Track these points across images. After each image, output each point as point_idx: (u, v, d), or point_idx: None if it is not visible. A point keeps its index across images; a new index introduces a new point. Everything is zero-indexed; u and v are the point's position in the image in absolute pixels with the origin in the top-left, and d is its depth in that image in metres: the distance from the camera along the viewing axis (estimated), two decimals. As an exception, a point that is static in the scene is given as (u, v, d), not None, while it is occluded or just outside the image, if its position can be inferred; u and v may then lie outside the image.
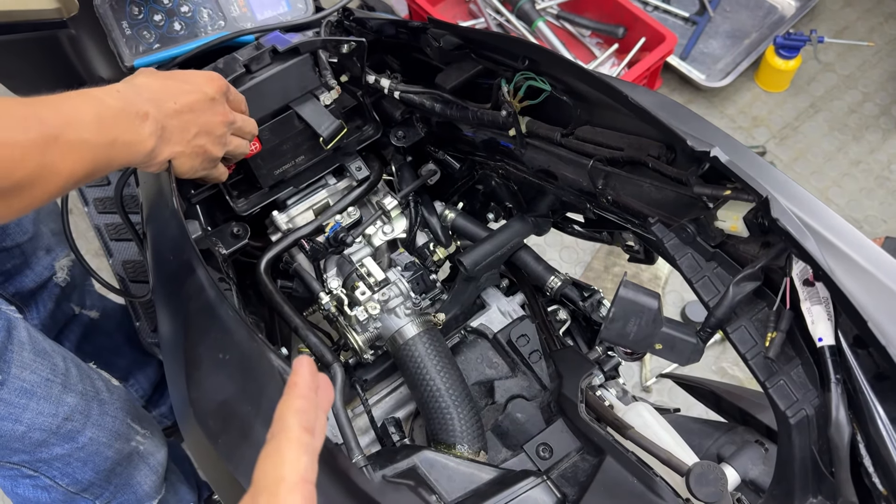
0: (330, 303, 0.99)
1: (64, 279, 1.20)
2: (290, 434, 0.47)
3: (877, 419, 0.56)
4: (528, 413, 0.97)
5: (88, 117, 0.67)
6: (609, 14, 2.09)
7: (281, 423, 0.48)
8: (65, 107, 0.66)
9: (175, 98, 0.78)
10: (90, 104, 0.68)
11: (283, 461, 0.46)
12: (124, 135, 0.70)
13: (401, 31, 1.00)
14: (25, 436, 0.89)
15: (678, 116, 0.71)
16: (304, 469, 0.46)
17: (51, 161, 0.63)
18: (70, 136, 0.64)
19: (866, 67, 2.23)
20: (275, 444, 0.47)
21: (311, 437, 0.48)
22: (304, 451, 0.47)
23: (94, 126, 0.67)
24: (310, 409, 0.49)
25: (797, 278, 0.61)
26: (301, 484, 0.45)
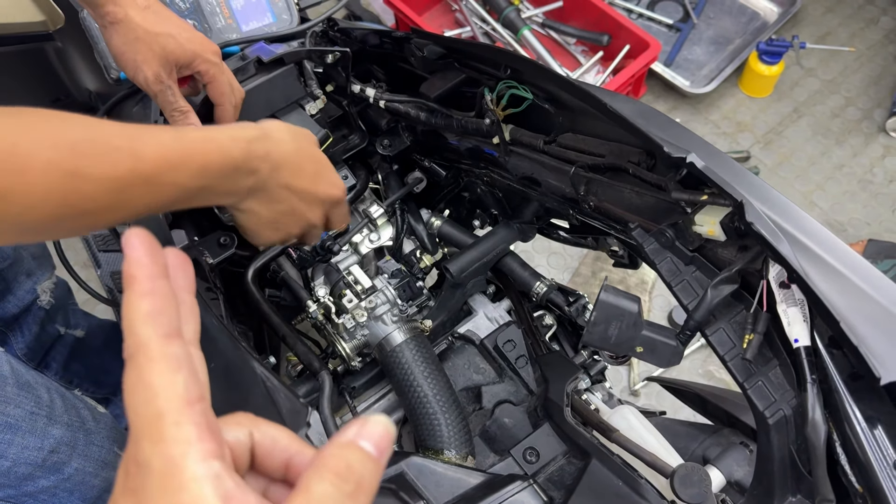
0: (317, 311, 1.00)
1: (48, 301, 1.20)
2: (150, 351, 0.35)
3: (852, 418, 0.57)
4: (516, 418, 0.98)
5: (197, 165, 0.60)
6: (594, 22, 2.11)
7: (133, 336, 0.35)
8: (175, 147, 0.59)
9: (294, 175, 0.74)
10: (210, 153, 0.62)
11: (154, 390, 0.34)
12: (223, 185, 0.65)
13: (385, 41, 1.02)
14: (11, 471, 0.89)
15: (657, 123, 0.72)
16: (182, 390, 0.34)
17: (128, 198, 0.56)
18: (165, 178, 0.58)
19: (848, 72, 2.26)
20: (135, 371, 0.34)
21: (179, 343, 0.36)
22: (175, 367, 0.35)
23: (197, 173, 0.60)
24: (164, 306, 0.36)
25: (773, 281, 0.62)
26: (186, 410, 0.34)
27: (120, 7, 0.81)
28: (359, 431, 0.35)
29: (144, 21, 0.83)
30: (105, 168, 0.53)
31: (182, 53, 0.84)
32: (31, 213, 0.52)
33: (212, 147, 0.62)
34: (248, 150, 0.66)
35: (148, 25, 0.82)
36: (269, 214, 0.74)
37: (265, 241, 0.79)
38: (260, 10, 1.06)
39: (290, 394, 0.66)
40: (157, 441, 0.33)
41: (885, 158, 2.11)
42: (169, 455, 0.33)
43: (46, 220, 0.53)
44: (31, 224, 0.53)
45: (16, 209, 0.50)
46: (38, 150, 0.51)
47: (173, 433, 0.34)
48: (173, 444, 0.33)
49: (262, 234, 0.77)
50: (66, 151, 0.52)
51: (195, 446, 0.33)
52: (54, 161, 0.51)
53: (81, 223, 0.56)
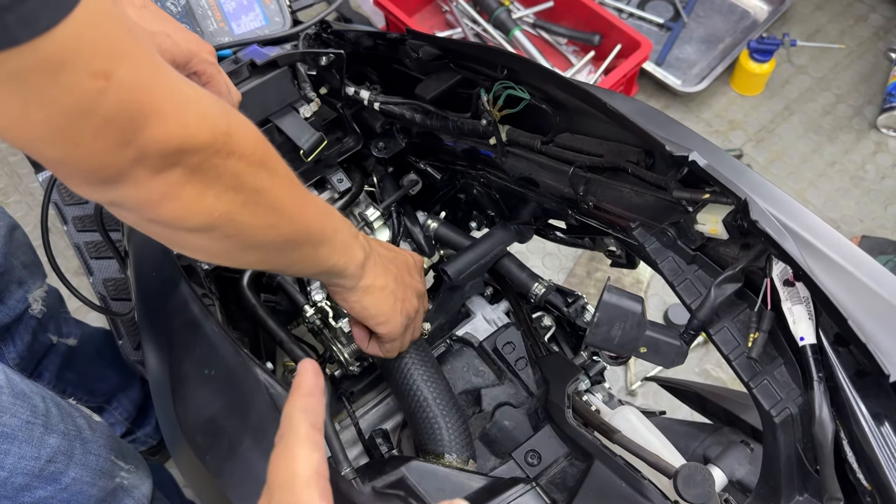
0: (314, 316, 0.99)
1: (39, 310, 1.18)
2: (299, 433, 0.47)
3: (859, 416, 0.57)
4: (516, 420, 0.97)
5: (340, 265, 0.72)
6: (585, 22, 2.11)
7: (289, 422, 0.48)
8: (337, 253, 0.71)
9: (384, 247, 0.86)
10: (353, 257, 0.74)
11: (295, 458, 0.46)
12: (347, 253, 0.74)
13: (379, 42, 1.01)
14: (7, 481, 0.87)
15: (656, 122, 0.72)
16: (316, 464, 0.47)
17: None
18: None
19: (839, 69, 2.27)
20: (284, 444, 0.47)
21: (319, 435, 0.49)
22: (314, 448, 0.47)
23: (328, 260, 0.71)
24: (316, 408, 0.50)
25: (777, 279, 0.61)
26: (315, 478, 0.46)
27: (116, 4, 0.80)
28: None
29: (141, 19, 0.82)
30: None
31: (179, 52, 0.84)
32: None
33: (358, 250, 0.75)
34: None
35: (145, 24, 0.82)
36: (388, 284, 0.80)
37: (395, 318, 0.83)
38: (252, 12, 1.05)
39: (293, 400, 0.65)
40: (289, 493, 0.46)
41: (877, 155, 2.12)
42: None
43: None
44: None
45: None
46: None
47: (302, 491, 0.46)
48: (300, 498, 0.45)
49: (392, 310, 0.82)
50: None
51: (317, 502, 0.45)
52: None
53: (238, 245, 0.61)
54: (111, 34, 0.44)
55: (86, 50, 0.42)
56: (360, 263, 0.76)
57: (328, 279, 0.76)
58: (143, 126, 0.47)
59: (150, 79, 0.47)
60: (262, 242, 0.61)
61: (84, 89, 0.43)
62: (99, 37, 0.43)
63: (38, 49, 0.40)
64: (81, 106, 0.43)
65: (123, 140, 0.46)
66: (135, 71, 0.46)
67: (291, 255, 0.67)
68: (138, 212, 0.52)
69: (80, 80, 0.43)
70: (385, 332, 0.83)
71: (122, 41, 0.45)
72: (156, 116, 0.47)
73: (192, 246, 0.58)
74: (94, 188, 0.49)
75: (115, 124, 0.45)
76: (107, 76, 0.44)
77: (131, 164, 0.48)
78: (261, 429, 0.62)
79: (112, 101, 0.44)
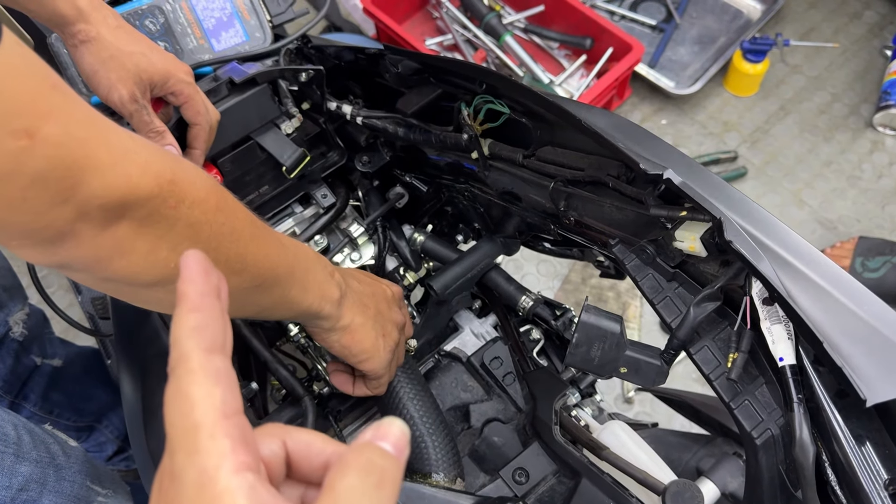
0: (299, 334, 0.98)
1: (21, 333, 1.18)
2: (191, 363, 0.36)
3: (840, 437, 0.56)
4: (505, 436, 0.96)
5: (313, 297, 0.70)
6: (576, 26, 2.10)
7: (177, 349, 0.36)
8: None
9: (361, 282, 0.83)
10: (327, 297, 0.72)
11: (192, 401, 0.35)
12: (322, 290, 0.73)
13: (359, 57, 1.00)
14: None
15: (634, 137, 0.70)
16: (220, 402, 0.35)
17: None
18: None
19: (833, 68, 2.25)
20: (175, 383, 0.36)
21: (221, 357, 0.37)
22: (214, 380, 0.36)
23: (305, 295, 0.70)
24: (210, 322, 0.37)
25: (756, 297, 0.60)
26: (222, 422, 0.35)
27: (91, 25, 0.79)
28: (375, 434, 0.36)
29: (117, 40, 0.81)
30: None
31: (156, 72, 0.83)
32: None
33: (333, 289, 0.73)
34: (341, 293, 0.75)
35: (120, 44, 0.81)
36: (367, 320, 0.78)
37: (378, 353, 0.81)
38: (232, 28, 1.05)
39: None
40: (192, 453, 0.34)
41: (873, 154, 2.11)
42: (203, 467, 0.33)
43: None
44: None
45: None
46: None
47: (208, 445, 0.34)
48: (207, 457, 0.33)
49: (375, 346, 0.80)
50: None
51: (229, 458, 0.34)
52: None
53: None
54: (32, 90, 0.42)
55: (2, 109, 0.40)
56: (336, 302, 0.74)
57: (306, 321, 0.75)
58: (79, 181, 0.45)
59: (82, 132, 0.45)
60: (228, 291, 0.59)
61: (5, 150, 0.41)
62: (17, 94, 0.41)
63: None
64: (4, 166, 0.42)
65: (59, 198, 0.44)
66: (63, 126, 0.44)
67: (261, 301, 0.64)
68: (90, 272, 0.50)
69: (0, 140, 0.41)
70: (370, 369, 0.81)
71: (46, 97, 0.43)
72: (93, 170, 0.45)
73: (154, 301, 0.56)
74: (36, 251, 0.47)
75: (46, 182, 0.43)
76: (30, 134, 0.42)
77: (72, 223, 0.46)
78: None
79: (39, 160, 0.43)
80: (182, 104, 0.86)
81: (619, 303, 1.84)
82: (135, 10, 1.00)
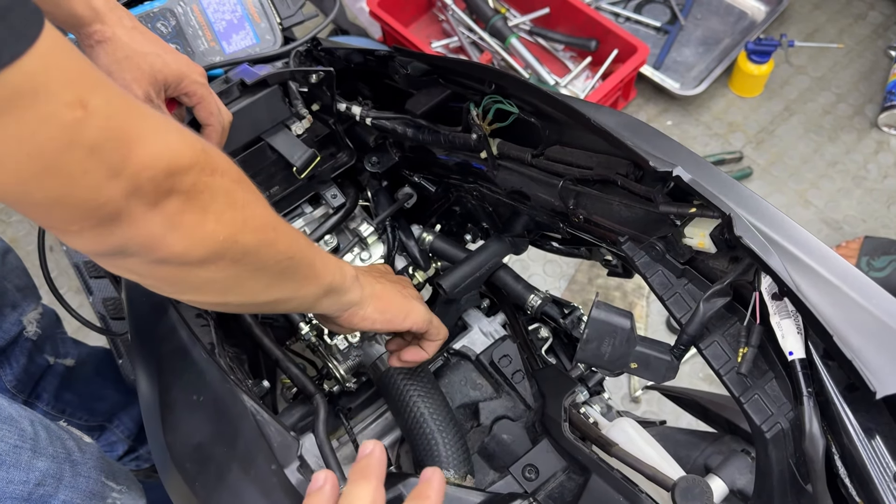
0: (310, 333, 0.99)
1: (34, 332, 1.19)
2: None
3: (850, 430, 0.56)
4: (514, 434, 0.97)
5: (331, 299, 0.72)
6: (581, 28, 2.11)
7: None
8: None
9: (367, 268, 0.86)
10: (344, 271, 0.73)
11: None
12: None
13: (369, 59, 1.01)
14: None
15: (643, 135, 0.71)
16: None
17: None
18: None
19: (838, 69, 2.26)
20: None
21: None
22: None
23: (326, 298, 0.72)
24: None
25: (766, 292, 0.61)
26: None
27: (107, 26, 0.81)
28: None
29: (132, 40, 0.82)
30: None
31: (170, 73, 0.84)
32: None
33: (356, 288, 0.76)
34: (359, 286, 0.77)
35: (136, 45, 0.82)
36: (385, 285, 0.81)
37: (413, 305, 0.83)
38: (242, 31, 1.06)
39: (280, 427, 0.65)
40: None
41: (879, 154, 2.11)
42: None
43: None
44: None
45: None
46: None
47: None
48: None
49: (406, 301, 0.82)
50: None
51: None
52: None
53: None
54: (79, 64, 0.44)
55: (56, 79, 0.42)
56: (353, 277, 0.75)
57: (336, 303, 0.75)
58: (129, 152, 0.46)
59: (125, 105, 0.47)
60: (266, 262, 0.61)
61: (63, 120, 0.43)
62: (67, 66, 0.43)
63: (7, 82, 0.40)
64: (64, 137, 0.43)
65: (113, 170, 0.46)
66: (108, 99, 0.45)
67: (295, 276, 0.66)
68: (143, 254, 0.51)
69: (57, 110, 0.42)
70: (416, 322, 0.82)
71: (91, 71, 0.45)
72: (139, 140, 0.47)
73: (203, 282, 0.57)
74: (94, 234, 0.48)
75: (101, 153, 0.45)
76: (83, 105, 0.43)
77: (127, 198, 0.47)
78: (248, 456, 0.62)
79: (93, 130, 0.44)
80: (195, 105, 0.87)
81: (625, 302, 1.84)
82: (147, 12, 1.02)
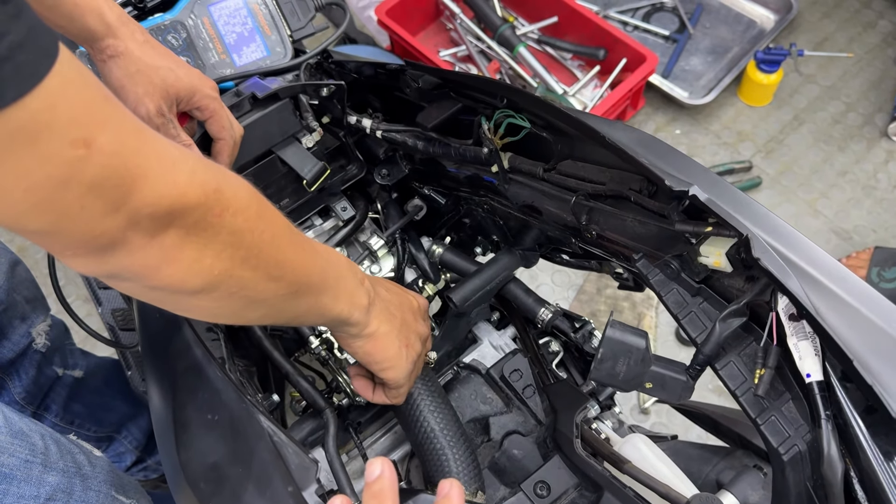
0: (320, 346, 0.98)
1: (43, 344, 1.19)
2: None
3: (868, 454, 0.56)
4: (525, 449, 0.96)
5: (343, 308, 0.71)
6: (589, 37, 2.10)
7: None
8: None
9: (389, 290, 0.83)
10: (357, 304, 0.72)
11: None
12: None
13: (380, 72, 1.01)
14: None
15: (657, 152, 0.71)
16: None
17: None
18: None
19: (847, 77, 2.25)
20: None
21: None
22: None
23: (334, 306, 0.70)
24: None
25: (783, 313, 0.61)
26: None
27: (120, 40, 0.81)
28: None
29: (144, 54, 0.82)
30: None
31: (182, 87, 0.84)
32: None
33: (362, 298, 0.73)
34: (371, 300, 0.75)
35: (148, 59, 0.82)
36: (393, 329, 0.78)
37: (400, 363, 0.81)
38: (253, 44, 1.06)
39: (298, 449, 0.65)
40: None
41: (889, 163, 2.10)
42: None
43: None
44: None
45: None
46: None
47: None
48: None
49: (398, 355, 0.80)
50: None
51: None
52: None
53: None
54: (88, 101, 0.44)
55: (62, 118, 0.42)
56: (365, 309, 0.74)
57: (333, 327, 0.75)
58: (131, 190, 0.46)
59: (134, 142, 0.47)
60: (265, 297, 0.60)
61: (64, 158, 0.43)
62: (75, 104, 0.43)
63: (9, 119, 0.40)
64: (62, 175, 0.43)
65: (112, 206, 0.46)
66: (117, 136, 0.45)
67: (296, 308, 0.66)
68: (138, 280, 0.52)
69: (59, 149, 0.42)
70: (391, 378, 0.81)
71: (101, 108, 0.45)
72: (143, 179, 0.47)
73: (197, 308, 0.57)
74: (88, 260, 0.48)
75: (101, 191, 0.45)
76: (87, 143, 0.43)
77: (124, 231, 0.47)
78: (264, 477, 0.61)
79: (95, 168, 0.44)
80: (207, 119, 0.88)
81: (634, 313, 1.83)
82: (157, 25, 1.02)
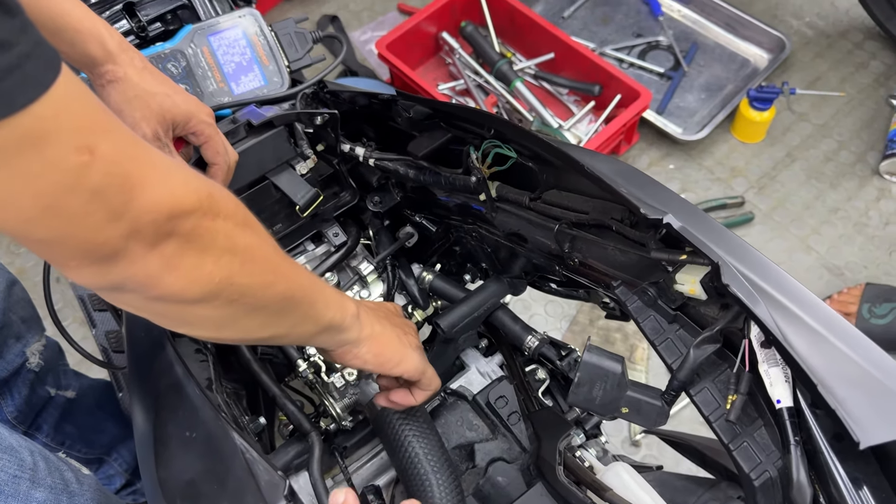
0: (307, 370, 0.99)
1: (37, 364, 1.20)
2: None
3: (837, 480, 0.56)
4: (509, 476, 0.96)
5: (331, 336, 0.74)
6: (585, 73, 2.14)
7: None
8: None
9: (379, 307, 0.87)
10: (346, 309, 0.74)
11: None
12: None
13: (373, 102, 1.04)
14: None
15: (636, 182, 0.73)
16: None
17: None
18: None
19: (840, 116, 2.28)
20: None
21: None
22: None
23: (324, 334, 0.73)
24: None
25: (755, 340, 0.62)
26: None
27: (119, 66, 0.83)
28: None
29: (142, 80, 0.85)
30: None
31: (179, 113, 0.87)
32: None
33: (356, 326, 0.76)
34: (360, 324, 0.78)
35: (146, 85, 0.85)
36: (385, 327, 0.81)
37: (409, 352, 0.83)
38: (251, 73, 1.09)
39: (269, 466, 0.66)
40: None
41: (880, 201, 2.12)
42: None
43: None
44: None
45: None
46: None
47: None
48: None
49: (403, 346, 0.82)
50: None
51: None
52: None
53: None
54: (90, 111, 0.46)
55: (67, 125, 0.44)
56: (355, 315, 0.76)
57: (332, 339, 0.76)
58: (132, 196, 0.48)
59: (132, 151, 0.49)
60: (263, 303, 0.62)
61: (69, 164, 0.45)
62: (79, 112, 0.45)
63: (18, 125, 0.42)
64: (68, 181, 0.45)
65: (115, 213, 0.48)
66: (117, 144, 0.48)
67: (292, 315, 0.67)
68: (140, 291, 0.53)
69: (65, 155, 0.44)
70: (410, 369, 0.83)
71: (102, 118, 0.47)
72: (142, 185, 0.49)
73: (198, 319, 0.58)
74: (91, 270, 0.50)
75: (104, 197, 0.47)
76: (91, 150, 0.45)
77: (126, 239, 0.49)
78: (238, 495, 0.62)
79: (99, 175, 0.46)
80: (202, 144, 0.90)
81: (626, 345, 1.84)
82: (158, 53, 1.05)
